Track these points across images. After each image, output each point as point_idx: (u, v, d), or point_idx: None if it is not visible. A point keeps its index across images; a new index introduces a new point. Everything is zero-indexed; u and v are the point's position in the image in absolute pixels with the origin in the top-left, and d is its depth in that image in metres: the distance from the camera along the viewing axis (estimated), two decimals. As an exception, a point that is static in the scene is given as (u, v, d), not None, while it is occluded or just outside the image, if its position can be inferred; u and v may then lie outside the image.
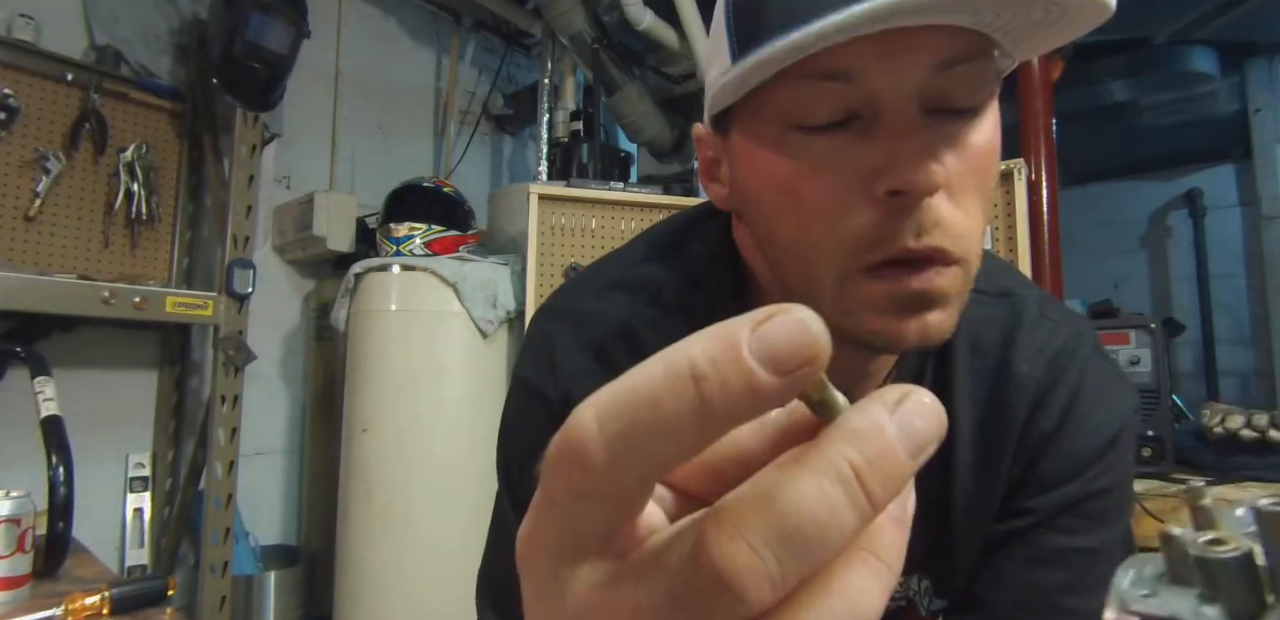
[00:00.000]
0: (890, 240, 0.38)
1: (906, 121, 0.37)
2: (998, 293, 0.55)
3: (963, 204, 0.39)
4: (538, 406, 0.51)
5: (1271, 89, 2.81)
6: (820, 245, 0.40)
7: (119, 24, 1.84)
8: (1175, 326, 2.91)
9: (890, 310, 0.40)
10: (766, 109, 0.40)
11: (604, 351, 0.50)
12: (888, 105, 0.37)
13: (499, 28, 2.78)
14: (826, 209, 0.39)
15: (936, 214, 0.38)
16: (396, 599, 1.70)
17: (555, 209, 1.92)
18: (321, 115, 2.26)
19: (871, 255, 0.39)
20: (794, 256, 0.42)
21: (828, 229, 0.39)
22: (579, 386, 0.49)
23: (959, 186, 0.39)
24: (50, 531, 0.91)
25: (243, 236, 1.77)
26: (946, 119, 0.39)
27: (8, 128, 1.63)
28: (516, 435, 0.53)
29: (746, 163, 0.43)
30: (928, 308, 0.39)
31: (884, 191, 0.37)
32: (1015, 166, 1.60)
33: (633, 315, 0.51)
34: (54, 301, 1.46)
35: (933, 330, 0.40)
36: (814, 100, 0.38)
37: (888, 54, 0.36)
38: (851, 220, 0.38)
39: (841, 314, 0.41)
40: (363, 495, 1.77)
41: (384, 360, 1.81)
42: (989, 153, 0.40)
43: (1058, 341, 0.53)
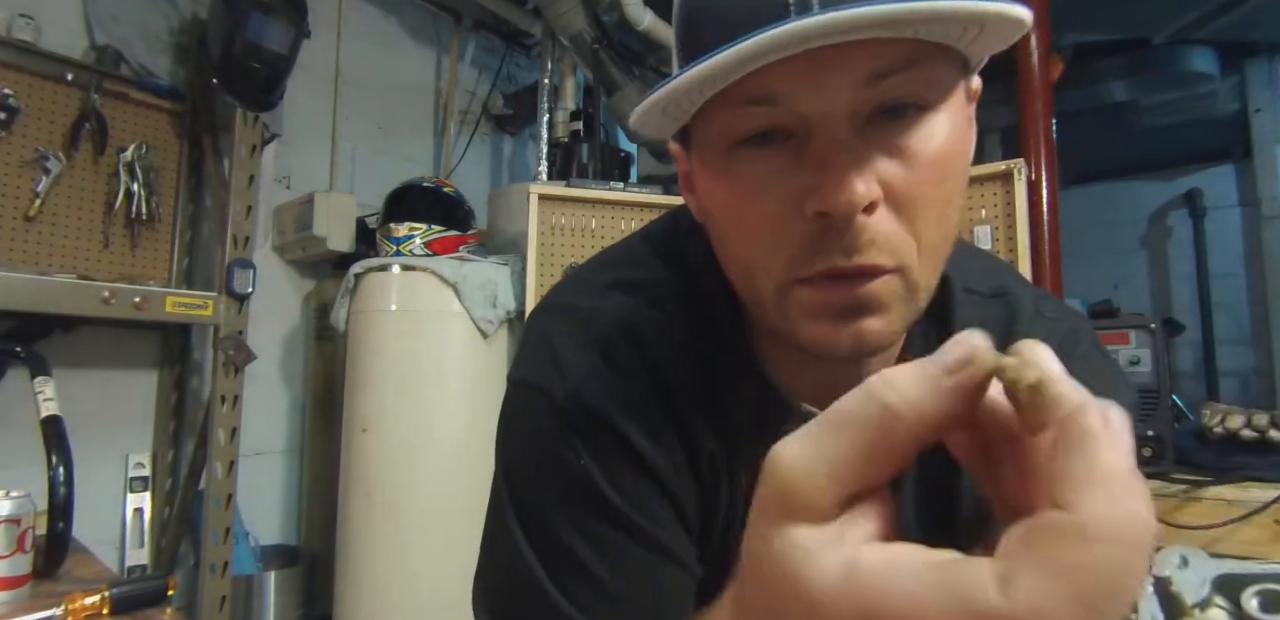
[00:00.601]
0: (821, 258, 0.38)
1: (834, 141, 0.37)
2: (992, 293, 0.54)
3: (911, 214, 0.38)
4: (540, 405, 0.49)
5: (1271, 89, 2.81)
6: (761, 260, 0.41)
7: (119, 24, 1.84)
8: (1175, 326, 2.91)
9: (824, 317, 0.40)
10: (708, 133, 0.41)
11: (610, 349, 0.49)
12: (816, 124, 0.37)
13: (499, 28, 2.78)
14: (764, 228, 0.40)
15: (873, 231, 0.37)
16: (396, 599, 1.70)
17: (555, 209, 1.92)
18: (321, 115, 2.26)
19: (804, 271, 0.39)
20: (741, 269, 0.44)
21: (766, 246, 0.40)
22: (588, 386, 0.47)
23: (904, 196, 0.38)
24: (50, 531, 0.91)
25: (243, 236, 1.77)
26: (888, 128, 0.38)
27: (8, 128, 1.63)
28: (519, 436, 0.51)
29: (700, 181, 0.44)
30: (863, 314, 0.39)
31: (811, 212, 0.37)
32: (1015, 166, 1.60)
33: (638, 316, 0.50)
34: (54, 301, 1.46)
35: (869, 336, 0.40)
36: (744, 124, 0.38)
37: (812, 73, 0.36)
38: (787, 238, 0.39)
39: (783, 322, 0.42)
40: (363, 495, 1.77)
41: (384, 360, 1.81)
42: (942, 158, 0.38)
43: (1055, 340, 0.51)
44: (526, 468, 0.50)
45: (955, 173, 0.40)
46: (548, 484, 0.48)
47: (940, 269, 0.43)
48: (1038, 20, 1.77)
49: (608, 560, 0.46)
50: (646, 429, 0.47)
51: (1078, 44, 2.54)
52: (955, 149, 0.39)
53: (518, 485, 0.50)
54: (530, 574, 0.47)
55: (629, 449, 0.47)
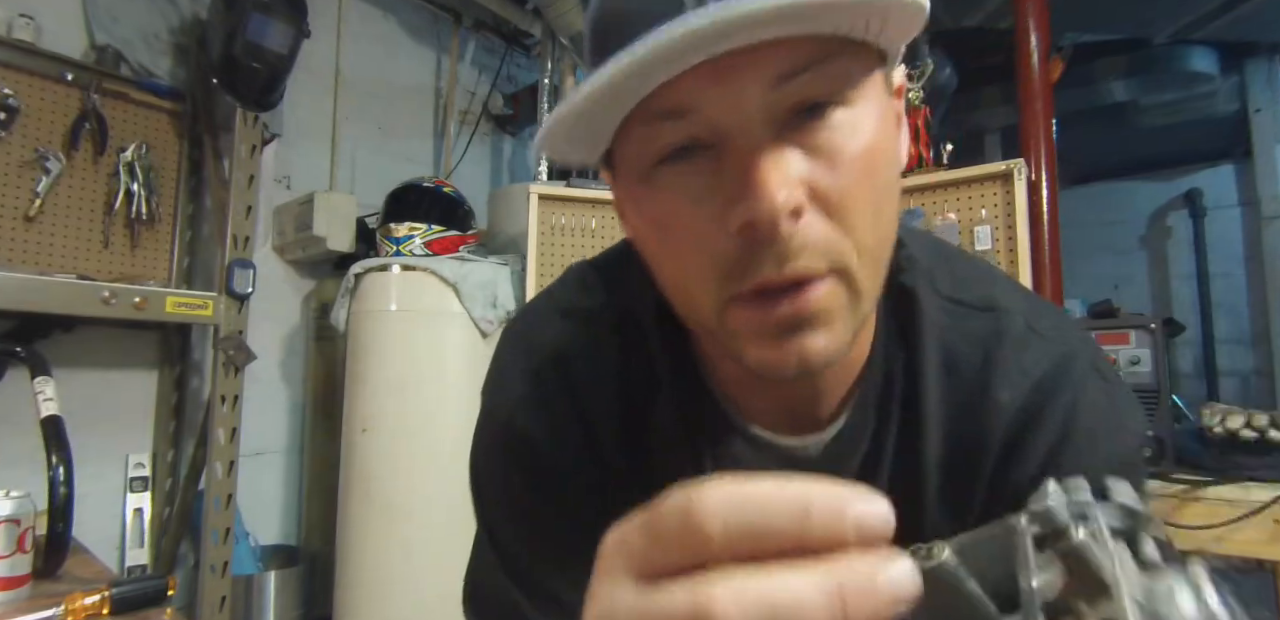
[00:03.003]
0: (752, 271, 0.36)
1: (750, 148, 0.35)
2: (979, 305, 0.49)
3: (843, 214, 0.36)
4: (491, 429, 0.54)
5: (1271, 89, 2.81)
6: (694, 283, 0.39)
7: (119, 24, 1.84)
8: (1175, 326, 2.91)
9: (765, 337, 0.38)
10: (627, 153, 0.39)
11: (541, 376, 0.52)
12: (730, 133, 0.36)
13: (499, 28, 2.78)
14: (692, 247, 0.38)
15: (802, 236, 0.35)
16: (396, 599, 1.70)
17: (555, 209, 1.92)
18: (321, 115, 2.26)
19: (737, 287, 0.37)
20: (678, 293, 0.42)
21: (697, 267, 0.38)
22: (519, 414, 0.52)
23: (832, 196, 0.36)
24: (50, 531, 0.91)
25: (243, 236, 1.77)
26: (805, 126, 0.36)
27: (8, 128, 1.63)
28: (480, 457, 0.56)
29: (626, 205, 0.43)
30: (804, 328, 0.37)
31: (736, 226, 0.35)
32: (1015, 166, 1.60)
33: (570, 343, 0.53)
34: (54, 301, 1.46)
35: (814, 354, 0.37)
36: (658, 139, 0.37)
37: (718, 81, 0.34)
38: (715, 253, 0.37)
39: (728, 343, 0.40)
40: (363, 495, 1.77)
41: (384, 360, 1.81)
42: (866, 151, 0.37)
43: (1046, 364, 0.47)
44: (485, 481, 0.56)
45: (882, 169, 0.38)
46: (499, 500, 0.54)
47: (883, 272, 0.41)
48: (1038, 20, 1.77)
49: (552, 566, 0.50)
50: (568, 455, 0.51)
51: (1078, 44, 2.54)
52: (879, 144, 0.37)
53: (481, 495, 0.56)
54: (496, 578, 0.52)
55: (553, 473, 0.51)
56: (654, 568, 0.21)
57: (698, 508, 0.20)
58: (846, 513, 0.19)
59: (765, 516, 0.20)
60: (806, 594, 0.19)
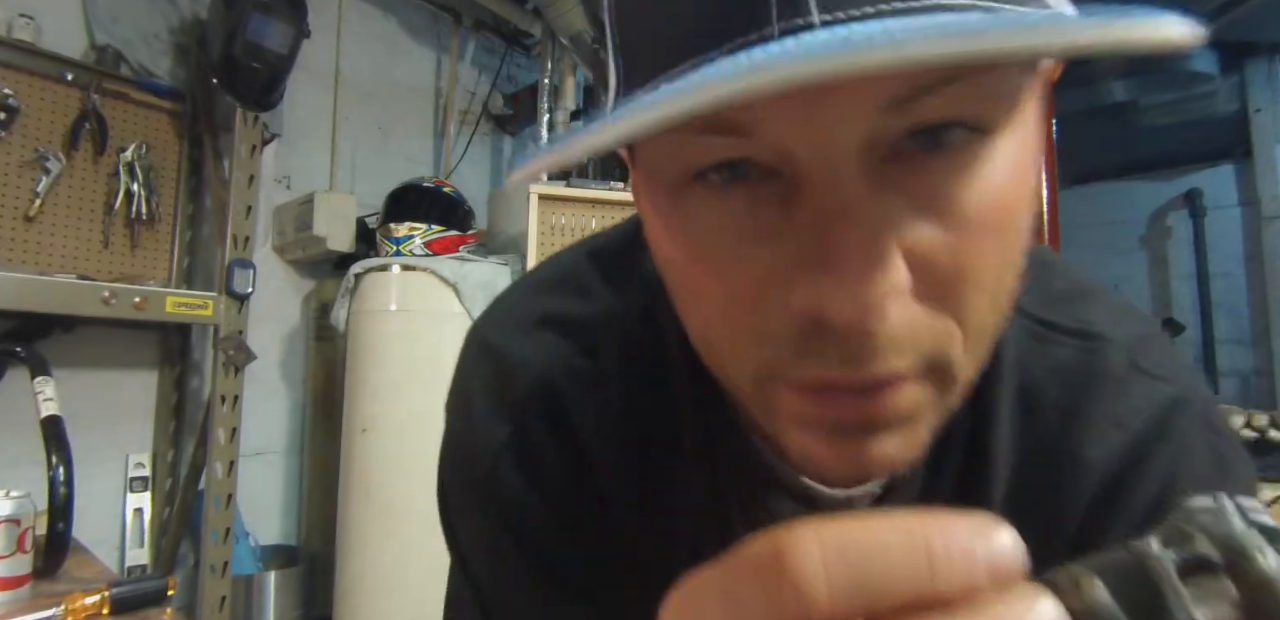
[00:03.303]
0: (810, 361, 0.26)
1: (837, 198, 0.24)
2: (1073, 330, 0.40)
3: (954, 287, 0.26)
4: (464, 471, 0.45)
5: (1271, 89, 2.81)
6: (728, 348, 0.29)
7: (119, 24, 1.84)
8: (1175, 326, 2.91)
9: (818, 430, 0.28)
10: (657, 153, 0.28)
11: (525, 421, 0.42)
12: (809, 169, 0.24)
13: (499, 28, 2.77)
14: (731, 307, 0.28)
15: (892, 327, 0.25)
16: (396, 599, 1.70)
17: (555, 209, 1.92)
18: (321, 115, 2.26)
19: (789, 371, 0.27)
20: (703, 346, 0.32)
21: (736, 330, 0.28)
22: (500, 468, 0.42)
23: (945, 267, 0.25)
24: (50, 531, 0.91)
25: (243, 236, 1.77)
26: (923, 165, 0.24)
27: (8, 128, 1.63)
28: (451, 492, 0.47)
29: (646, 216, 0.31)
30: (873, 432, 0.28)
31: (799, 307, 0.25)
32: (1015, 166, 1.60)
33: (561, 370, 0.42)
34: (54, 301, 1.46)
35: (881, 461, 0.28)
36: (703, 155, 0.26)
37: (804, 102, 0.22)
38: (764, 325, 0.27)
39: (767, 421, 0.31)
40: (363, 495, 1.77)
41: (384, 360, 1.81)
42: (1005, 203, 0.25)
43: (1147, 413, 0.38)
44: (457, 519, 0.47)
45: (1020, 223, 0.27)
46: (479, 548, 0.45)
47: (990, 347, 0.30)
48: (1038, 20, 1.77)
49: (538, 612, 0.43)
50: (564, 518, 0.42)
51: (1077, 44, 2.54)
52: (1022, 189, 0.26)
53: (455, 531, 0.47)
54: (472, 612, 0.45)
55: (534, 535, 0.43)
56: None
57: (793, 561, 0.15)
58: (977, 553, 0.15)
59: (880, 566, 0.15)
60: None
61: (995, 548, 0.16)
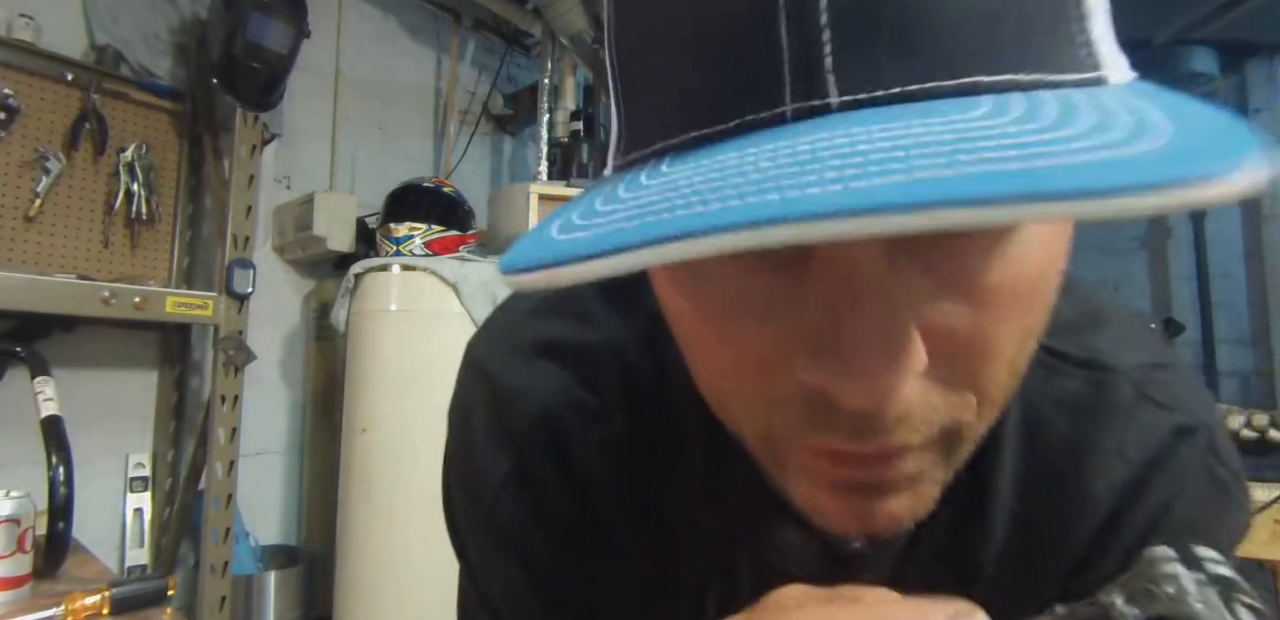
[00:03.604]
0: (820, 433, 0.26)
1: (854, 273, 0.22)
2: (1081, 360, 0.39)
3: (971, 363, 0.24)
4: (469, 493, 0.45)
5: (1271, 89, 2.81)
6: (737, 403, 0.29)
7: (119, 24, 1.84)
8: (1175, 326, 2.91)
9: (825, 486, 0.28)
10: None
11: (525, 458, 0.41)
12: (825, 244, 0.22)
13: (499, 28, 2.78)
14: (739, 370, 0.27)
15: (906, 405, 0.24)
16: (396, 599, 1.70)
17: (555, 209, 1.92)
18: (321, 115, 2.26)
19: (798, 436, 0.27)
20: (712, 398, 0.31)
21: (745, 390, 0.28)
22: (502, 501, 0.41)
23: (964, 340, 0.24)
24: (50, 531, 0.91)
25: (243, 236, 1.77)
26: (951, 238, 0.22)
27: (8, 128, 1.63)
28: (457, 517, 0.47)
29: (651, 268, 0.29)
30: (882, 493, 0.28)
31: (810, 383, 0.24)
32: (1015, 166, 1.60)
33: (563, 403, 0.40)
34: (54, 301, 1.46)
35: (889, 521, 0.28)
36: None
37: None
38: (774, 391, 0.26)
39: (774, 470, 0.30)
40: (363, 495, 1.77)
41: (384, 360, 1.81)
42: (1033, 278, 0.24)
43: (1152, 445, 0.37)
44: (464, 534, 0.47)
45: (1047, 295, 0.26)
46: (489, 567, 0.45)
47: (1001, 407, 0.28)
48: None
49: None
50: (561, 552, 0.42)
51: (1078, 44, 2.54)
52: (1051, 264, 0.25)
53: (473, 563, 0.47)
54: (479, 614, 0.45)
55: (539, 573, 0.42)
56: None
57: None
58: None
59: None
60: None
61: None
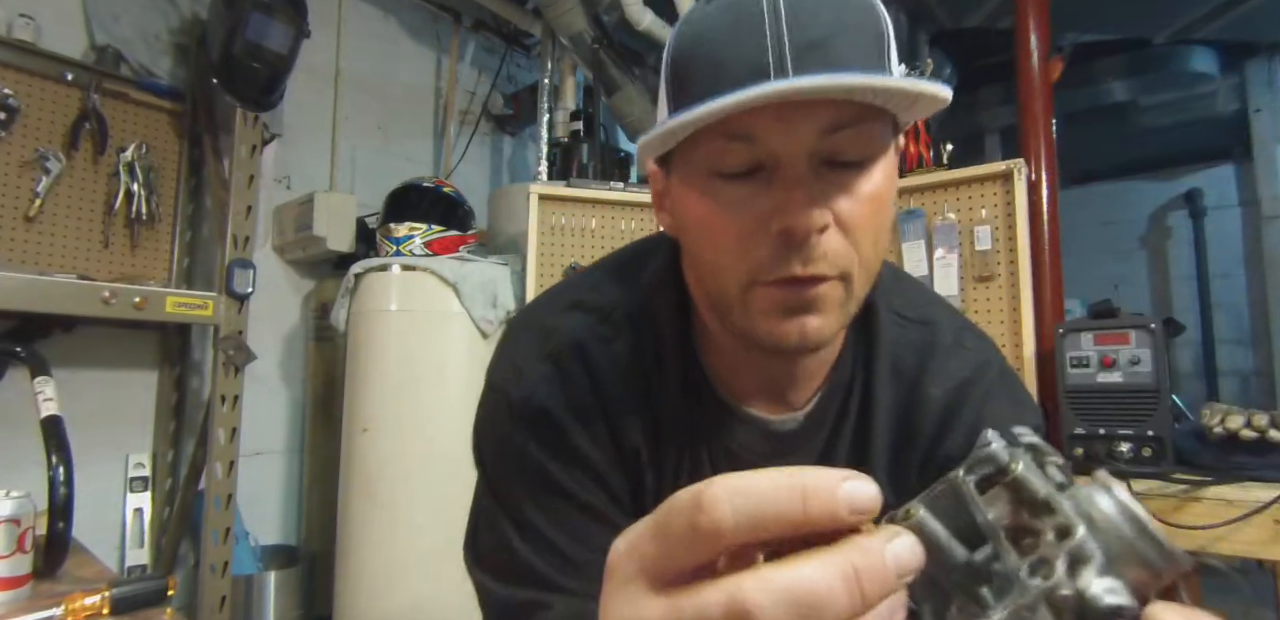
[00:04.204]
0: (782, 267, 0.47)
1: (797, 174, 0.46)
2: (920, 320, 0.63)
3: (853, 235, 0.47)
4: (505, 406, 0.59)
5: (1271, 89, 2.81)
6: (729, 265, 0.49)
7: (119, 24, 1.84)
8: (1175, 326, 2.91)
9: (777, 314, 0.49)
10: (693, 158, 0.49)
11: (560, 362, 0.59)
12: (783, 161, 0.46)
13: (499, 28, 2.78)
14: (735, 240, 0.48)
15: (824, 247, 0.46)
16: (396, 599, 1.70)
17: (555, 209, 1.92)
18: (321, 115, 2.26)
19: (767, 275, 0.47)
20: (710, 273, 0.51)
21: (736, 254, 0.48)
22: (539, 390, 0.58)
23: (849, 222, 0.47)
24: (50, 531, 0.91)
25: (243, 236, 1.77)
26: (838, 170, 0.47)
27: (8, 128, 1.63)
28: (488, 429, 0.62)
29: (679, 199, 0.52)
30: (808, 311, 0.48)
31: (776, 230, 0.46)
32: (1015, 166, 1.60)
33: (586, 333, 0.60)
34: (54, 301, 1.46)
35: (811, 332, 0.49)
36: (726, 154, 0.47)
37: (782, 119, 0.45)
38: (754, 250, 0.47)
39: (744, 318, 0.50)
40: (363, 495, 1.77)
41: (384, 360, 1.81)
42: (877, 197, 0.48)
43: (966, 370, 0.61)
44: (495, 454, 0.61)
45: (887, 208, 0.50)
46: (510, 468, 0.59)
47: (872, 281, 0.52)
48: (1038, 20, 1.77)
49: (563, 529, 0.57)
50: (585, 426, 0.58)
51: (1078, 44, 2.54)
52: (887, 190, 0.49)
53: (490, 468, 0.61)
54: (508, 540, 0.58)
55: (569, 442, 0.58)
56: (671, 572, 0.23)
57: (707, 502, 0.21)
58: (838, 492, 0.21)
59: (769, 503, 0.21)
60: (827, 579, 0.20)
61: (854, 491, 0.21)
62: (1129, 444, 1.34)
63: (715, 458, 0.61)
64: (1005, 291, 1.60)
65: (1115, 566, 0.22)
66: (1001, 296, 1.61)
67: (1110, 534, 0.23)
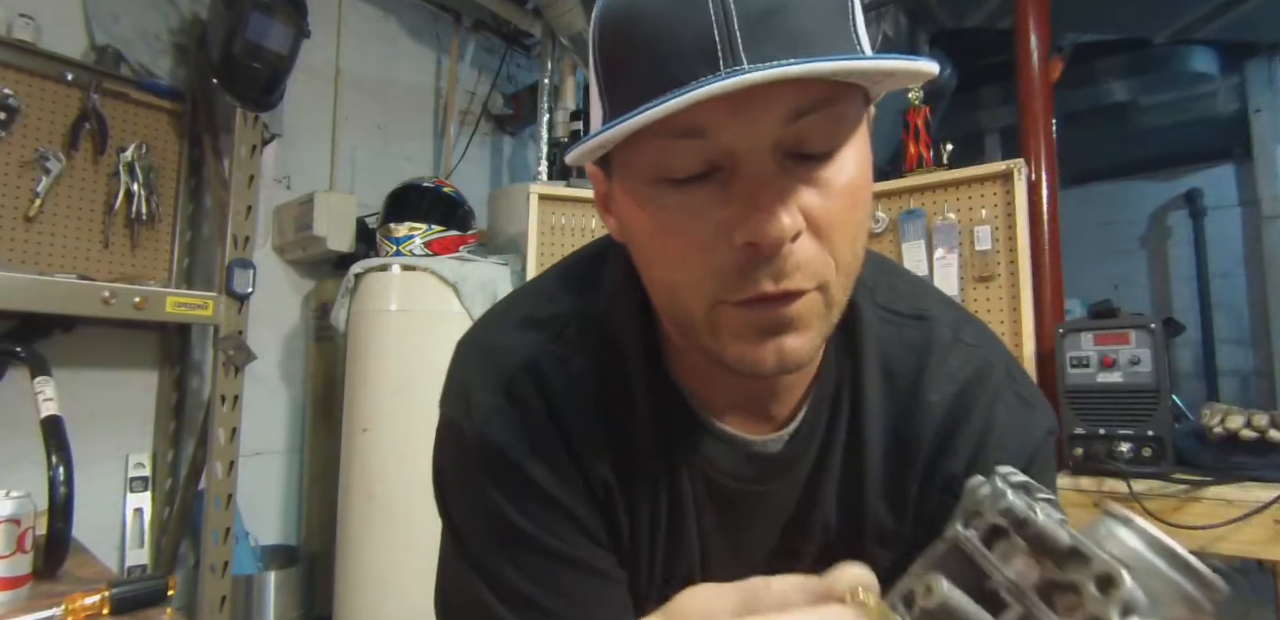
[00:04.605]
0: (750, 284, 0.40)
1: (760, 172, 0.39)
2: (912, 315, 0.56)
3: (829, 238, 0.41)
4: (457, 444, 0.54)
5: (1271, 89, 2.81)
6: (687, 284, 0.42)
7: (119, 24, 1.84)
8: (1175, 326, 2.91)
9: (749, 336, 0.42)
10: (634, 163, 0.42)
11: (513, 388, 0.53)
12: (742, 158, 0.39)
13: (499, 28, 2.78)
14: (692, 254, 0.41)
15: (797, 257, 0.40)
16: (396, 599, 1.70)
17: (555, 209, 1.92)
18: (321, 115, 2.26)
19: (734, 295, 0.41)
20: (666, 291, 0.45)
21: (694, 272, 0.41)
22: (492, 424, 0.52)
23: (824, 222, 0.40)
24: (50, 531, 0.91)
25: (243, 236, 1.77)
26: (806, 163, 0.40)
27: (8, 128, 1.63)
28: (447, 473, 0.56)
29: (625, 208, 0.45)
30: (783, 331, 0.42)
31: (740, 243, 0.39)
32: (1015, 166, 1.60)
33: (539, 353, 0.54)
34: (54, 301, 1.46)
35: (789, 354, 0.42)
36: (673, 156, 0.40)
37: (738, 111, 0.37)
38: (716, 264, 0.40)
39: (711, 341, 0.43)
40: (363, 495, 1.77)
41: (384, 360, 1.81)
42: (853, 189, 0.41)
43: (968, 370, 0.54)
44: (454, 496, 0.55)
45: (865, 200, 0.43)
46: (471, 513, 0.53)
47: (852, 284, 0.45)
48: (1038, 20, 1.77)
49: (534, 581, 0.51)
50: (545, 460, 0.51)
51: (1078, 44, 2.54)
52: (863, 180, 0.42)
53: (451, 511, 0.55)
54: (473, 589, 0.52)
55: (529, 480, 0.51)
56: None
57: None
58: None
59: None
60: None
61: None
62: (1129, 444, 1.34)
63: (693, 484, 0.54)
64: (1005, 291, 1.61)
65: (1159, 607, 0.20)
66: (1001, 296, 1.61)
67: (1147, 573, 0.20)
